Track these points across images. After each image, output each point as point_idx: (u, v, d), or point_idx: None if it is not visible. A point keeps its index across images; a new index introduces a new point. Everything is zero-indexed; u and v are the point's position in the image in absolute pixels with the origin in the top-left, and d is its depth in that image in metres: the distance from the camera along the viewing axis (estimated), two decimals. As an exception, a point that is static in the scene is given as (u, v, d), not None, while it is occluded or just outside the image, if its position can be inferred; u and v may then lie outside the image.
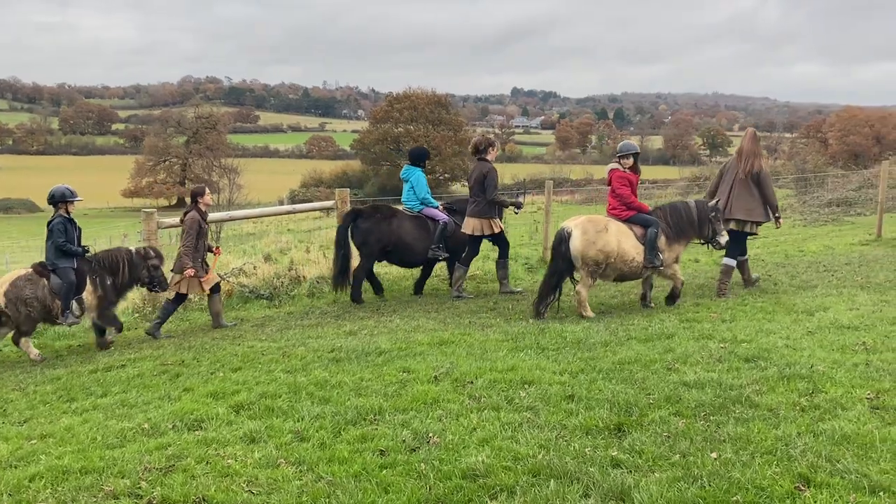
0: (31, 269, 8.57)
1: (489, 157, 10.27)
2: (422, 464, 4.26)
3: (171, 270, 9.33)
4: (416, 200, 10.52)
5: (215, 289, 9.49)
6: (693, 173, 40.05)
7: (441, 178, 70.52)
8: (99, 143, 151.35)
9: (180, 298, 9.39)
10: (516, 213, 10.88)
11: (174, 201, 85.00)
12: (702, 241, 9.26)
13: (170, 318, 9.47)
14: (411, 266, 10.95)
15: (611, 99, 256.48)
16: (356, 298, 10.19)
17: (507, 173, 73.50)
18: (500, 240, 10.37)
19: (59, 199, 8.73)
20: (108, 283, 8.82)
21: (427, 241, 10.29)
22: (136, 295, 10.76)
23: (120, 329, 9.07)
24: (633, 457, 4.22)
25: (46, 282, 8.42)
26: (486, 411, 5.05)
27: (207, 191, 9.73)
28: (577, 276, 8.70)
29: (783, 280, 10.15)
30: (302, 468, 4.36)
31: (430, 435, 4.67)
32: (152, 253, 9.13)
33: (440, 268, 11.16)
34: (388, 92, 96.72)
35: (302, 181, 78.11)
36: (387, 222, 10.19)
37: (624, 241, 8.52)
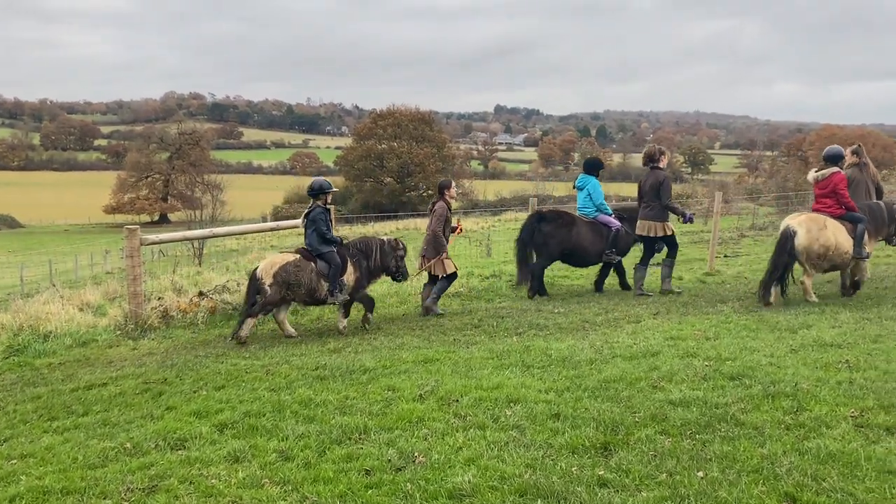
0: (298, 255, 9.20)
1: (662, 165, 11.17)
2: (408, 483, 4.24)
3: (422, 255, 10.42)
4: (592, 207, 11.49)
5: (451, 276, 10.43)
6: (675, 191, 40.34)
7: (424, 194, 70.56)
8: (80, 159, 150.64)
9: (452, 277, 10.43)
10: (682, 223, 11.59)
11: (156, 217, 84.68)
12: (884, 238, 10.43)
13: (153, 336, 9.48)
14: (584, 267, 12.02)
15: (593, 117, 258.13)
16: (541, 292, 11.29)
17: (490, 190, 73.85)
18: (671, 242, 11.12)
19: (319, 191, 9.40)
20: (364, 266, 9.52)
21: (601, 245, 11.28)
22: (117, 312, 10.69)
23: (372, 309, 9.70)
24: (619, 476, 4.21)
25: (314, 265, 9.12)
26: (471, 430, 5.03)
27: (453, 183, 10.82)
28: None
29: (766, 297, 10.20)
30: (287, 488, 4.32)
31: (416, 454, 4.64)
32: (401, 245, 9.90)
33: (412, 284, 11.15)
34: (372, 109, 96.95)
35: (285, 197, 77.87)
36: (567, 227, 11.18)
37: (839, 236, 9.60)
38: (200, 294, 11.31)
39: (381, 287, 12.02)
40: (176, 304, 10.69)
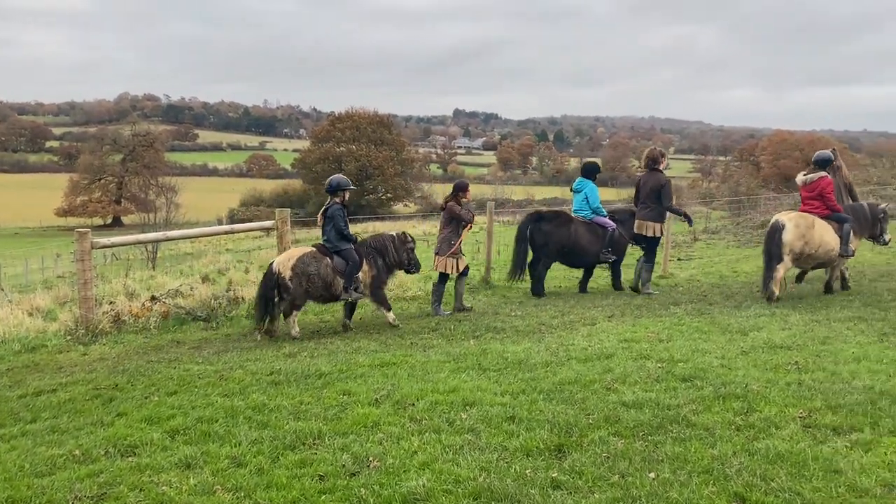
0: (314, 248, 9.31)
1: (661, 167, 11.49)
2: (362, 489, 4.22)
3: (436, 253, 10.55)
4: (588, 209, 11.82)
5: (464, 272, 10.63)
6: (631, 195, 40.76)
7: (383, 197, 70.39)
8: (32, 161, 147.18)
9: (444, 278, 10.61)
10: (689, 226, 12.32)
11: (109, 220, 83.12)
12: (870, 237, 11.15)
13: (104, 341, 9.30)
14: (580, 267, 12.23)
15: (551, 121, 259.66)
16: (540, 292, 11.58)
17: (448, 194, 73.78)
18: (655, 244, 11.53)
19: (336, 188, 9.47)
20: (380, 262, 9.59)
21: (597, 245, 11.62)
22: (68, 317, 10.48)
23: (389, 308, 9.76)
24: (573, 478, 4.24)
25: (330, 261, 9.17)
26: (427, 434, 5.03)
27: (468, 185, 11.02)
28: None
29: (718, 300, 10.37)
30: (239, 495, 4.27)
31: (371, 459, 4.62)
32: (409, 238, 9.97)
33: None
34: (331, 111, 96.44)
35: (242, 200, 77.14)
36: (566, 227, 11.55)
37: (826, 235, 10.13)
38: (153, 298, 11.15)
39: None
40: (128, 309, 10.51)
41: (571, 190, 12.33)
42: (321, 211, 9.54)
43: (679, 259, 16.69)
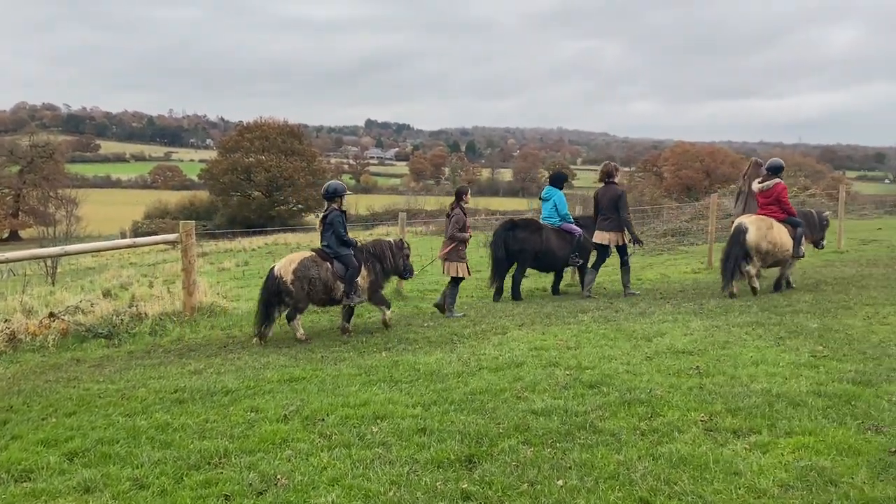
0: (314, 253, 9.41)
1: (616, 180, 12.33)
2: (269, 507, 4.12)
3: (444, 259, 10.95)
4: (557, 217, 12.48)
5: (458, 280, 11.02)
6: (537, 206, 41.40)
7: (294, 208, 69.47)
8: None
9: (457, 281, 11.00)
10: (634, 245, 12.56)
11: (6, 234, 79.38)
12: (812, 242, 12.18)
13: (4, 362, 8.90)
14: (551, 271, 13.02)
15: (462, 132, 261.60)
16: (518, 297, 12.18)
17: (361, 204, 73.42)
18: (623, 250, 12.29)
19: (333, 194, 9.60)
20: (378, 268, 9.77)
21: (566, 250, 12.35)
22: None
23: (389, 307, 10.00)
24: (483, 488, 4.25)
25: (330, 265, 9.31)
26: (337, 449, 4.96)
27: (468, 190, 11.48)
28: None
29: (624, 308, 10.61)
30: (140, 519, 4.11)
31: (279, 476, 4.53)
32: (405, 245, 10.29)
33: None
34: (239, 121, 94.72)
35: (146, 212, 74.86)
36: (538, 233, 12.18)
37: (782, 236, 11.10)
38: (51, 315, 10.66)
39: (246, 306, 11.76)
40: (25, 327, 10.03)
41: (540, 198, 13.05)
42: (321, 218, 9.70)
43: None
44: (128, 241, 11.62)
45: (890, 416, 5.21)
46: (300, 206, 69.88)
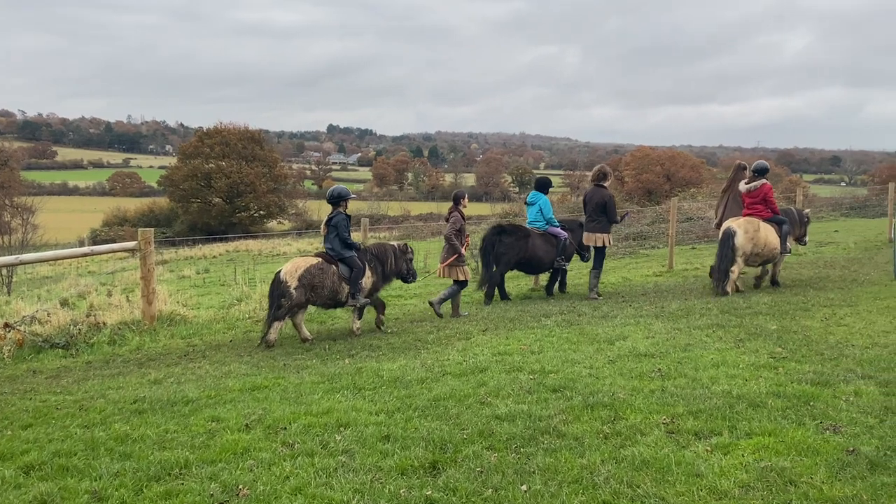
0: (320, 259, 9.61)
1: (606, 184, 12.64)
2: (231, 518, 4.06)
3: (442, 263, 11.34)
4: (543, 220, 12.80)
5: (463, 283, 11.36)
6: (504, 209, 41.49)
7: (256, 215, 68.86)
8: None
9: (462, 284, 11.35)
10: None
11: (-42, 243, 77.64)
12: (795, 238, 12.86)
13: None
14: (536, 273, 13.62)
15: (425, 137, 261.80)
16: (503, 296, 12.70)
17: (324, 210, 72.97)
18: (603, 253, 12.68)
19: (338, 198, 9.84)
20: (380, 270, 10.09)
21: (552, 253, 12.70)
22: None
23: (384, 309, 10.40)
24: (447, 495, 4.24)
25: (335, 268, 9.59)
26: (299, 458, 4.91)
27: (466, 195, 11.82)
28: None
29: (587, 311, 10.67)
30: (98, 533, 4.03)
31: (240, 487, 4.47)
32: (409, 249, 10.61)
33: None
34: (199, 127, 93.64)
35: (105, 220, 73.61)
36: (524, 239, 12.46)
37: (770, 236, 11.72)
38: (6, 326, 10.42)
39: (206, 314, 11.62)
40: (-23, 338, 9.80)
41: (526, 202, 13.44)
42: (325, 221, 9.88)
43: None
44: (85, 249, 11.36)
45: (847, 416, 5.29)
46: (261, 212, 69.29)
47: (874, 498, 4.02)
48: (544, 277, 13.73)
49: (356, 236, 14.15)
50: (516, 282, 14.82)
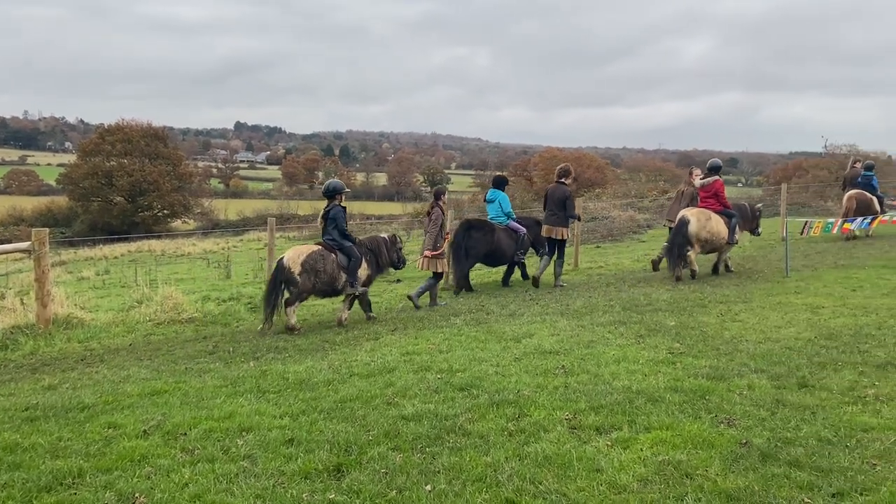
0: (321, 246, 10.15)
1: (567, 182, 13.53)
2: (126, 529, 3.93)
3: (427, 257, 11.88)
4: (503, 216, 13.69)
5: (440, 275, 12.04)
6: (416, 209, 41.56)
7: (160, 214, 66.88)
8: None
9: (439, 276, 12.03)
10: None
11: None
12: (749, 230, 14.22)
13: None
14: (499, 265, 14.26)
15: (336, 136, 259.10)
16: (468, 288, 13.32)
17: (231, 209, 71.60)
18: (562, 245, 13.54)
19: (334, 191, 10.38)
20: (375, 262, 10.70)
21: (513, 247, 13.67)
22: None
23: (369, 306, 10.88)
24: (351, 498, 4.21)
25: (335, 257, 10.11)
26: (199, 464, 4.78)
27: (446, 191, 12.92)
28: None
29: (495, 310, 10.77)
30: (-18, 549, 3.84)
31: (137, 495, 4.33)
32: (398, 239, 11.28)
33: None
34: (100, 123, 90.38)
35: (-1, 219, 70.33)
36: (491, 233, 13.30)
37: (719, 226, 12.92)
38: None
39: (106, 317, 11.24)
40: None
41: (485, 200, 14.29)
42: (321, 215, 10.37)
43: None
44: (-27, 250, 10.79)
45: (741, 409, 5.50)
46: (165, 211, 67.34)
47: (765, 488, 4.18)
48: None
49: (264, 235, 13.98)
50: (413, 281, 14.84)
